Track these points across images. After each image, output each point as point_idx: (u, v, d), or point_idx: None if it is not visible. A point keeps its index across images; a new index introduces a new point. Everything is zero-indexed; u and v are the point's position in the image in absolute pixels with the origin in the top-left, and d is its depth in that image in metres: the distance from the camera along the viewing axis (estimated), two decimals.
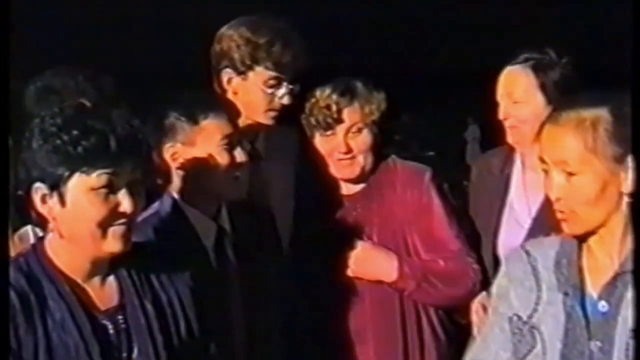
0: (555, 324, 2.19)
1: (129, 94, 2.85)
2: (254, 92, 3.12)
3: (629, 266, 2.15)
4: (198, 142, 2.78)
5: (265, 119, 3.13)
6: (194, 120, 2.77)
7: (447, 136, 6.76)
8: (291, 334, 2.98)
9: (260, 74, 3.11)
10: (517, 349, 2.23)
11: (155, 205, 2.81)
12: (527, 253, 2.28)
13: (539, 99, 3.10)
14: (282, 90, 3.12)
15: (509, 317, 2.25)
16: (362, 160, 3.18)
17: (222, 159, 2.78)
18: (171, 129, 2.78)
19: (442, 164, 6.36)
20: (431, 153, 6.64)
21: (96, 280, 2.25)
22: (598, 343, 2.15)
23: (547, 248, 2.26)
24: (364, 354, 3.10)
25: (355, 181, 3.21)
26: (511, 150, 3.22)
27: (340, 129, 3.16)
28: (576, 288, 2.19)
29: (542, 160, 2.19)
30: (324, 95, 3.16)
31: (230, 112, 2.85)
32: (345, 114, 3.16)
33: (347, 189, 3.23)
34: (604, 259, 2.20)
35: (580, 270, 2.21)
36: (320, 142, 3.19)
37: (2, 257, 2.19)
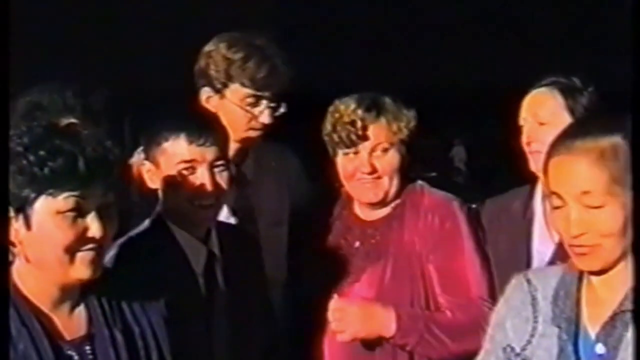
0: (547, 357, 2.14)
1: (122, 111, 2.77)
2: (232, 111, 3.03)
3: (629, 305, 2.08)
4: (160, 163, 2.67)
5: (249, 137, 3.02)
6: (157, 141, 2.66)
7: (435, 157, 6.71)
8: None
9: (237, 92, 3.03)
10: None
11: (142, 226, 2.71)
12: (529, 282, 2.22)
13: (566, 122, 2.75)
14: (260, 108, 3.02)
15: (503, 348, 2.20)
16: (387, 183, 2.97)
17: (185, 184, 2.64)
18: (146, 147, 2.70)
19: (445, 185, 6.29)
20: (434, 174, 6.56)
21: (64, 308, 2.15)
22: None
23: (550, 278, 2.20)
24: None
25: (377, 205, 3.00)
26: (532, 189, 3.03)
27: (365, 147, 2.94)
28: (570, 322, 2.14)
29: (556, 195, 2.08)
30: (348, 110, 2.95)
31: (195, 134, 2.64)
32: (371, 130, 2.94)
33: (369, 214, 3.03)
34: (604, 292, 2.12)
35: (577, 303, 2.15)
36: (342, 161, 2.98)
37: (2, 260, 2.09)
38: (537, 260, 2.95)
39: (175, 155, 2.64)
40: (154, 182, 2.70)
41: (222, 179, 2.67)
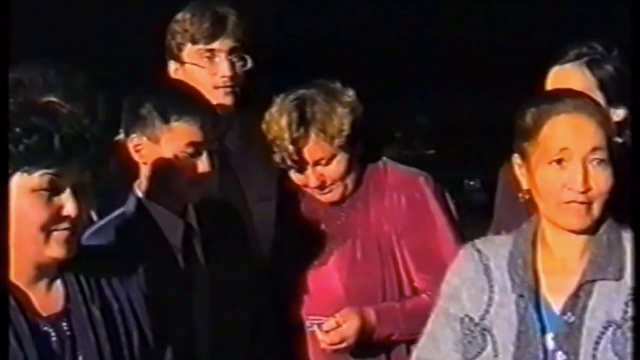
0: (507, 326, 2.17)
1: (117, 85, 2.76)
2: (194, 73, 3.03)
3: (592, 275, 2.14)
4: (163, 141, 2.66)
5: (220, 99, 3.00)
6: (165, 119, 2.65)
7: (449, 133, 6.70)
8: (259, 340, 2.84)
9: (191, 52, 3.05)
10: (467, 350, 2.21)
11: (123, 208, 2.71)
12: (479, 252, 2.25)
13: (599, 99, 2.60)
14: (217, 61, 3.01)
15: (460, 319, 2.23)
16: (342, 187, 2.91)
17: (184, 165, 2.65)
18: (142, 121, 2.67)
19: (443, 162, 6.28)
20: (432, 152, 6.56)
21: (41, 285, 2.15)
22: (563, 355, 2.13)
23: (500, 247, 2.23)
24: None
25: (339, 203, 2.94)
26: None
27: (307, 165, 2.89)
28: (531, 291, 2.17)
29: (563, 151, 2.13)
30: (280, 131, 2.85)
31: (207, 119, 2.67)
32: (306, 151, 2.86)
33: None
34: (563, 260, 2.18)
35: (535, 272, 2.18)
36: (292, 174, 2.93)
37: (2, 256, 2.08)
38: None
39: (187, 137, 2.63)
40: (142, 157, 2.69)
41: (216, 160, 2.70)
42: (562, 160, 2.15)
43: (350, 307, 2.86)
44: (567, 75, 2.84)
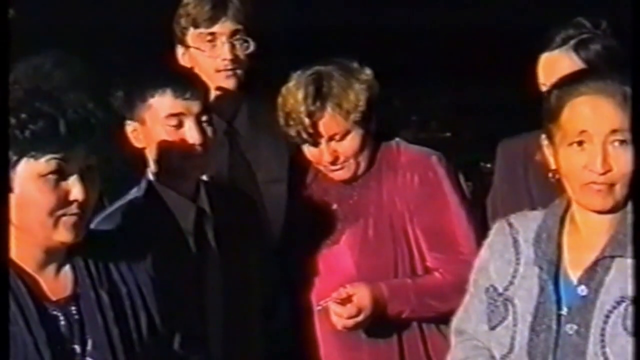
0: (528, 297, 2.22)
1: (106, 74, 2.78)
2: (197, 57, 3.05)
3: (611, 251, 2.17)
4: (147, 121, 2.68)
5: (221, 82, 3.02)
6: (143, 97, 2.68)
7: (466, 116, 6.66)
8: (271, 324, 2.86)
9: (193, 36, 3.06)
10: (490, 319, 2.26)
11: (133, 191, 2.73)
12: (510, 225, 2.29)
13: None
14: (217, 44, 3.02)
15: (486, 288, 2.28)
16: (353, 163, 2.91)
17: (174, 139, 2.66)
18: (128, 105, 2.71)
19: (459, 144, 6.25)
20: (448, 134, 6.52)
21: (50, 269, 2.16)
22: (575, 326, 2.16)
23: (531, 221, 2.27)
24: (355, 357, 2.90)
25: (351, 181, 2.94)
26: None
27: (322, 139, 2.87)
28: (551, 263, 2.21)
29: (583, 132, 2.14)
30: (296, 104, 2.85)
31: (180, 88, 2.67)
32: (321, 125, 2.86)
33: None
34: (588, 236, 2.20)
35: (559, 246, 2.22)
36: (305, 150, 2.92)
37: (2, 257, 2.10)
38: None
39: (163, 109, 2.66)
40: (139, 141, 2.72)
41: (208, 131, 2.70)
42: (582, 142, 2.15)
43: (359, 282, 2.86)
44: (555, 61, 2.86)
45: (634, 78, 2.17)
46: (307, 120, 2.86)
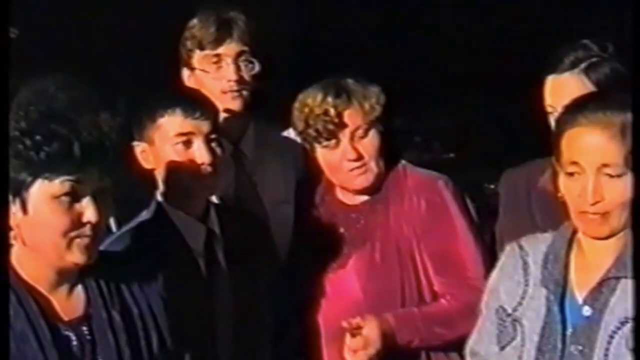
0: (535, 317, 2.24)
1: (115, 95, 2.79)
2: (202, 78, 3.07)
3: (616, 272, 2.19)
4: (156, 141, 2.70)
5: (227, 103, 3.04)
6: (152, 117, 2.70)
7: (470, 137, 6.67)
8: (281, 345, 2.86)
9: (199, 57, 3.08)
10: (500, 339, 2.29)
11: (143, 213, 2.74)
12: (521, 247, 2.32)
13: None
14: (222, 65, 3.04)
15: (495, 309, 2.31)
16: (375, 167, 2.89)
17: (183, 159, 2.68)
18: (137, 126, 2.73)
19: (462, 165, 6.26)
20: (452, 155, 6.54)
21: (62, 289, 2.18)
22: (579, 347, 2.19)
23: (540, 243, 2.30)
24: None
25: (369, 190, 2.93)
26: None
27: (344, 135, 2.86)
28: (558, 284, 2.24)
29: (574, 164, 2.16)
30: (317, 101, 2.88)
31: (190, 108, 2.69)
32: (346, 116, 2.86)
33: (352, 199, 2.97)
34: (594, 258, 2.22)
35: (566, 267, 2.25)
36: (323, 154, 2.90)
37: (2, 259, 2.12)
38: None
39: (172, 129, 2.67)
40: (148, 162, 2.73)
41: (218, 151, 2.71)
42: (574, 173, 2.18)
43: (367, 314, 2.85)
44: (564, 84, 2.83)
45: (635, 80, 2.20)
46: (332, 111, 2.86)
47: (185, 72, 3.13)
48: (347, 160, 2.88)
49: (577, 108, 2.23)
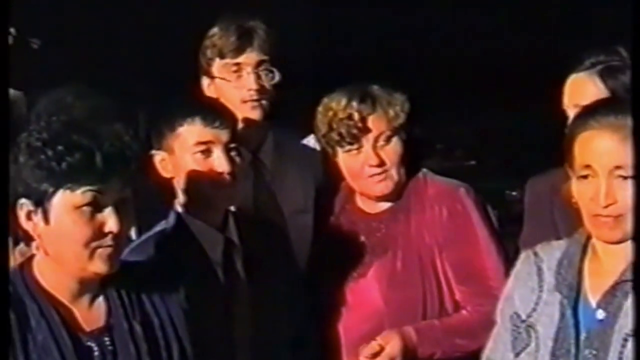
0: (549, 323, 2.24)
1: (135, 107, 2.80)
2: (222, 87, 3.07)
3: (629, 275, 2.18)
4: (176, 149, 2.70)
5: (247, 113, 3.03)
6: (171, 128, 2.70)
7: (491, 144, 6.66)
8: (299, 355, 2.83)
9: (219, 66, 3.08)
10: (514, 346, 2.28)
11: (162, 223, 2.74)
12: (535, 254, 2.32)
13: None
14: (243, 74, 3.04)
15: (510, 316, 2.30)
16: (395, 174, 2.88)
17: (203, 168, 2.67)
18: (157, 135, 2.73)
19: (484, 172, 6.24)
20: (473, 162, 6.53)
21: (84, 300, 2.18)
22: (593, 351, 2.18)
23: (555, 249, 2.30)
24: None
25: (388, 198, 2.92)
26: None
27: (367, 140, 2.86)
28: (571, 289, 2.24)
29: (587, 167, 2.17)
30: (341, 105, 2.88)
31: (210, 117, 2.70)
32: (370, 122, 2.85)
33: (372, 207, 2.96)
34: (609, 262, 2.22)
35: (579, 272, 2.25)
36: (345, 159, 2.90)
37: (2, 266, 2.13)
38: None
39: (192, 137, 2.67)
40: (167, 171, 2.73)
41: (237, 160, 2.71)
42: (588, 175, 2.19)
43: (389, 329, 2.83)
44: (580, 84, 2.84)
45: (634, 80, 2.18)
46: (357, 116, 2.86)
47: (205, 81, 3.13)
48: (368, 165, 2.88)
49: (588, 112, 2.25)
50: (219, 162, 2.67)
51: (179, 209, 2.75)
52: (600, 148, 2.17)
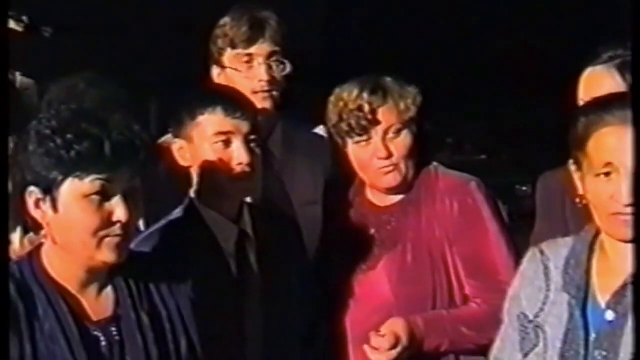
0: (558, 323, 2.21)
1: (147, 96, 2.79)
2: (233, 77, 3.06)
3: (630, 275, 2.15)
4: (195, 138, 2.68)
5: (258, 103, 2.99)
6: (192, 115, 2.68)
7: (502, 139, 6.66)
8: (311, 347, 2.82)
9: (230, 56, 3.07)
10: (522, 347, 2.26)
11: (177, 211, 2.72)
12: (542, 253, 2.29)
13: None
14: (254, 65, 3.03)
15: (517, 316, 2.27)
16: (404, 167, 2.88)
17: (221, 159, 2.65)
18: (177, 123, 2.71)
19: (494, 167, 6.24)
20: (483, 157, 6.52)
21: (92, 289, 2.17)
22: (603, 352, 2.16)
23: (561, 248, 2.27)
24: None
25: (397, 190, 2.91)
26: None
27: (377, 132, 2.85)
28: (580, 289, 2.21)
29: (608, 164, 2.13)
30: (352, 96, 2.87)
31: (231, 107, 2.68)
32: (380, 113, 2.84)
33: (383, 200, 2.95)
34: (618, 261, 2.18)
35: (587, 272, 2.22)
36: (354, 150, 2.89)
37: (2, 259, 2.13)
38: None
39: (212, 127, 2.65)
40: (186, 159, 2.71)
41: (257, 151, 2.69)
42: (609, 173, 2.14)
43: (395, 317, 2.83)
44: (597, 78, 2.80)
45: (635, 80, 2.15)
46: (367, 107, 2.85)
47: (215, 70, 3.12)
48: (377, 158, 2.87)
49: (602, 108, 2.19)
50: (239, 153, 2.65)
51: (193, 197, 2.72)
52: (621, 143, 2.12)
